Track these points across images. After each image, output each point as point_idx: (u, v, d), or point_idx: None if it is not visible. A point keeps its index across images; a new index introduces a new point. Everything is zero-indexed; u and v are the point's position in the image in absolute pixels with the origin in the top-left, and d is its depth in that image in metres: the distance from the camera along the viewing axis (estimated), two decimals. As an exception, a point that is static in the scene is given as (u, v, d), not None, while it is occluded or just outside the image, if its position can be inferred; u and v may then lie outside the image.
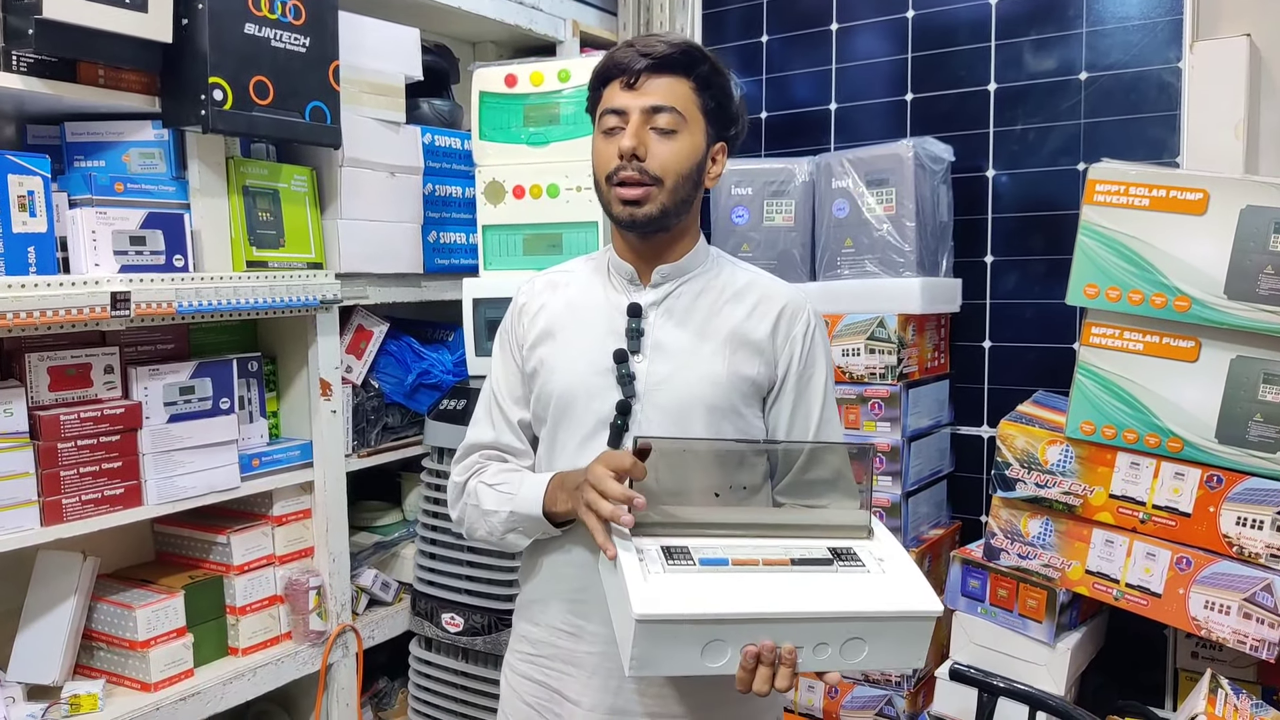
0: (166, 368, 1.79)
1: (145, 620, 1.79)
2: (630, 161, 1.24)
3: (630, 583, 1.06)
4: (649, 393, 1.29)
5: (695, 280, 1.35)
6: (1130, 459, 1.78)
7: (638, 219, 1.26)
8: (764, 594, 1.08)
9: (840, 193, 2.21)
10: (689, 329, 1.31)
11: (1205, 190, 1.68)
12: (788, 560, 1.13)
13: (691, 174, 1.28)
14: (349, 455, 2.16)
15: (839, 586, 1.10)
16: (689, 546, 1.14)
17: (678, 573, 1.09)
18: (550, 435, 1.36)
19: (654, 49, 1.25)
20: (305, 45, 1.80)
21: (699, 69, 1.27)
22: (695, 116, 1.28)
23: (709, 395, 1.29)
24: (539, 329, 1.37)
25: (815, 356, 1.35)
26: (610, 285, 1.36)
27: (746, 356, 1.31)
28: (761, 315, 1.33)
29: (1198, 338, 1.71)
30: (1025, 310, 2.31)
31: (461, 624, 2.06)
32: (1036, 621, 1.90)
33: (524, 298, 1.43)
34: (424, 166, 2.24)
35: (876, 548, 1.18)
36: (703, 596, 1.06)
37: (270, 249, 1.91)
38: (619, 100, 1.27)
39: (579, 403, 1.31)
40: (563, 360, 1.34)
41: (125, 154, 1.73)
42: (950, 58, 2.37)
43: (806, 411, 1.35)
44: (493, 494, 1.34)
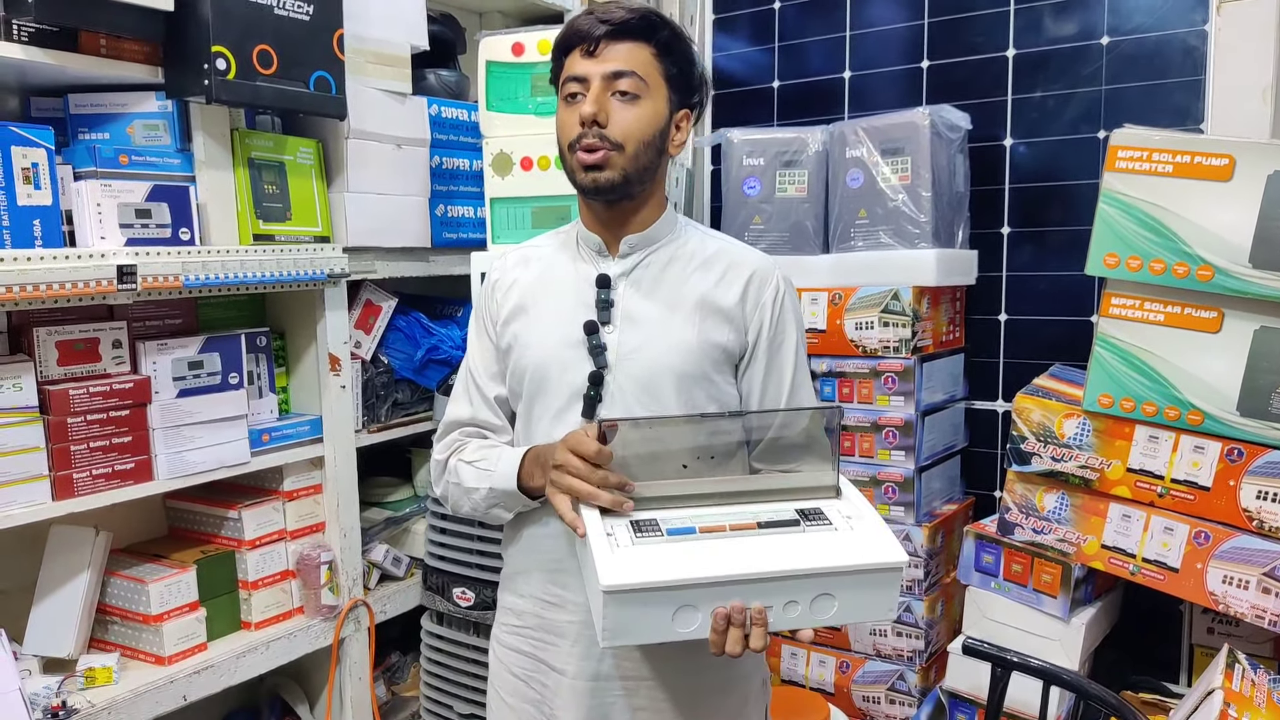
0: (175, 342, 1.78)
1: (158, 594, 1.79)
2: (591, 128, 1.24)
3: (598, 556, 1.09)
4: (620, 363, 1.29)
5: (663, 249, 1.34)
6: (1149, 432, 1.75)
7: (600, 184, 1.25)
8: (731, 557, 1.10)
9: (854, 162, 2.17)
10: (658, 298, 1.31)
11: (1231, 156, 1.64)
12: (754, 524, 1.15)
13: (654, 140, 1.27)
14: (359, 431, 2.15)
15: (805, 545, 1.12)
16: (657, 519, 1.16)
17: (645, 544, 1.11)
18: (526, 409, 1.36)
19: (613, 15, 1.25)
20: (309, 13, 1.77)
21: (659, 34, 1.27)
22: (657, 82, 1.27)
23: (680, 363, 1.29)
24: (511, 305, 1.38)
25: (785, 322, 1.35)
26: (579, 257, 1.36)
27: (716, 324, 1.31)
28: (730, 282, 1.33)
29: (1220, 308, 1.67)
30: (1042, 283, 2.27)
31: (473, 598, 2.05)
32: (1051, 597, 1.88)
33: (496, 274, 1.43)
34: (431, 139, 2.21)
35: (845, 506, 1.20)
36: (670, 564, 1.08)
37: (277, 222, 1.89)
38: (579, 68, 1.26)
39: (552, 376, 1.32)
40: (535, 334, 1.34)
41: (129, 126, 1.71)
42: (968, 23, 2.32)
43: (779, 378, 1.35)
44: (472, 471, 1.35)
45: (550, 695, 1.33)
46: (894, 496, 2.12)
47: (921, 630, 2.12)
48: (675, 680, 1.29)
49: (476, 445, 1.39)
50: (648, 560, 1.09)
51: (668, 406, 1.28)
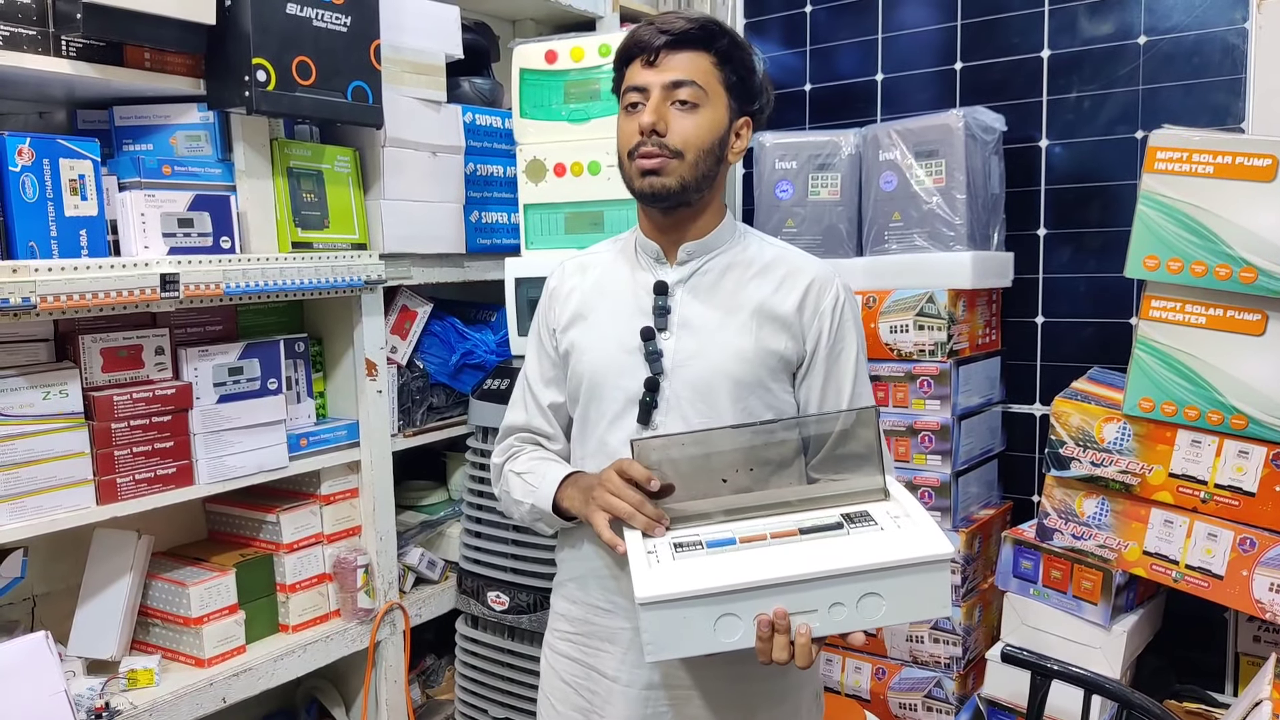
0: (215, 349, 1.81)
1: (198, 597, 1.82)
2: (650, 137, 1.24)
3: (635, 570, 1.09)
4: (676, 369, 1.29)
5: (722, 256, 1.34)
6: (1191, 436, 1.73)
7: (657, 190, 1.26)
8: (770, 563, 1.08)
9: (888, 165, 2.16)
10: (715, 305, 1.31)
11: (1274, 156, 1.61)
12: (796, 530, 1.14)
13: (713, 148, 1.27)
14: (395, 435, 2.17)
15: (848, 546, 1.10)
16: (700, 535, 1.15)
17: (685, 558, 1.11)
18: (582, 415, 1.37)
19: (673, 26, 1.26)
20: (346, 25, 1.79)
21: (718, 43, 1.27)
22: (717, 90, 1.27)
23: (736, 370, 1.29)
24: (570, 312, 1.39)
25: (845, 331, 1.34)
26: (637, 264, 1.37)
27: (774, 331, 1.30)
28: (789, 290, 1.32)
29: (1264, 310, 1.65)
30: (1079, 284, 2.24)
31: (507, 602, 2.06)
32: (1091, 604, 1.86)
33: (555, 281, 1.44)
34: (465, 146, 2.23)
35: (893, 508, 1.18)
36: (707, 573, 1.08)
37: (315, 230, 1.92)
38: (640, 78, 1.27)
39: (608, 382, 1.32)
40: (592, 340, 1.35)
41: (172, 137, 1.75)
42: (1001, 24, 2.30)
43: (838, 387, 1.34)
44: (520, 484, 1.38)
45: (600, 703, 1.33)
46: (930, 501, 2.10)
47: (959, 637, 2.10)
48: (726, 689, 1.29)
49: (529, 456, 1.41)
50: (685, 572, 1.08)
51: (723, 414, 1.28)
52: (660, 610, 1.06)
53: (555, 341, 1.41)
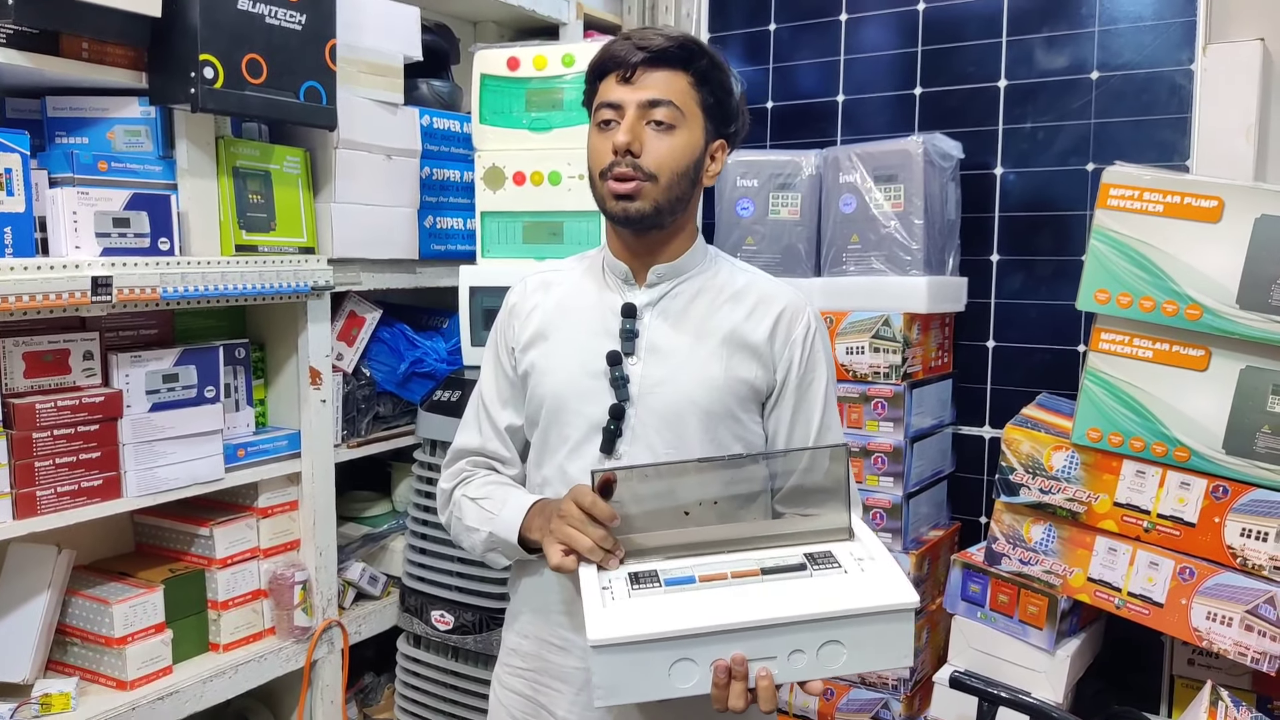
0: (149, 354, 1.73)
1: (123, 616, 1.73)
2: (624, 157, 1.21)
3: (589, 610, 1.04)
4: (643, 396, 1.25)
5: (692, 280, 1.31)
6: (1136, 467, 1.75)
7: (630, 214, 1.22)
8: (729, 606, 1.04)
9: (848, 187, 2.16)
10: (685, 330, 1.27)
11: (1220, 198, 1.65)
12: (758, 570, 1.10)
13: (688, 171, 1.24)
14: (338, 445, 2.10)
15: (810, 590, 1.07)
16: (657, 570, 1.11)
17: (641, 596, 1.07)
18: (541, 440, 1.32)
19: (651, 42, 1.22)
20: (301, 22, 1.73)
21: (697, 63, 1.23)
22: (693, 112, 1.24)
23: (705, 399, 1.25)
24: (531, 330, 1.33)
25: (816, 361, 1.32)
26: (604, 284, 1.32)
27: (744, 359, 1.27)
28: (760, 317, 1.29)
29: (1208, 347, 1.68)
30: (1030, 311, 2.28)
31: (452, 622, 2.01)
32: (1037, 628, 1.88)
33: (515, 297, 1.39)
34: (421, 149, 2.17)
35: (857, 549, 1.15)
36: (663, 615, 1.03)
37: (260, 233, 1.84)
38: (614, 94, 1.23)
39: (570, 407, 1.27)
40: (554, 362, 1.30)
41: (110, 131, 1.66)
42: (961, 52, 2.33)
43: (807, 417, 1.32)
44: (475, 510, 1.31)
45: None
46: (881, 523, 2.11)
47: (904, 659, 2.10)
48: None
49: (483, 480, 1.35)
50: (640, 612, 1.04)
51: (690, 444, 1.24)
52: (612, 654, 1.01)
53: (514, 361, 1.36)
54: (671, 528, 1.16)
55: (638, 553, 1.15)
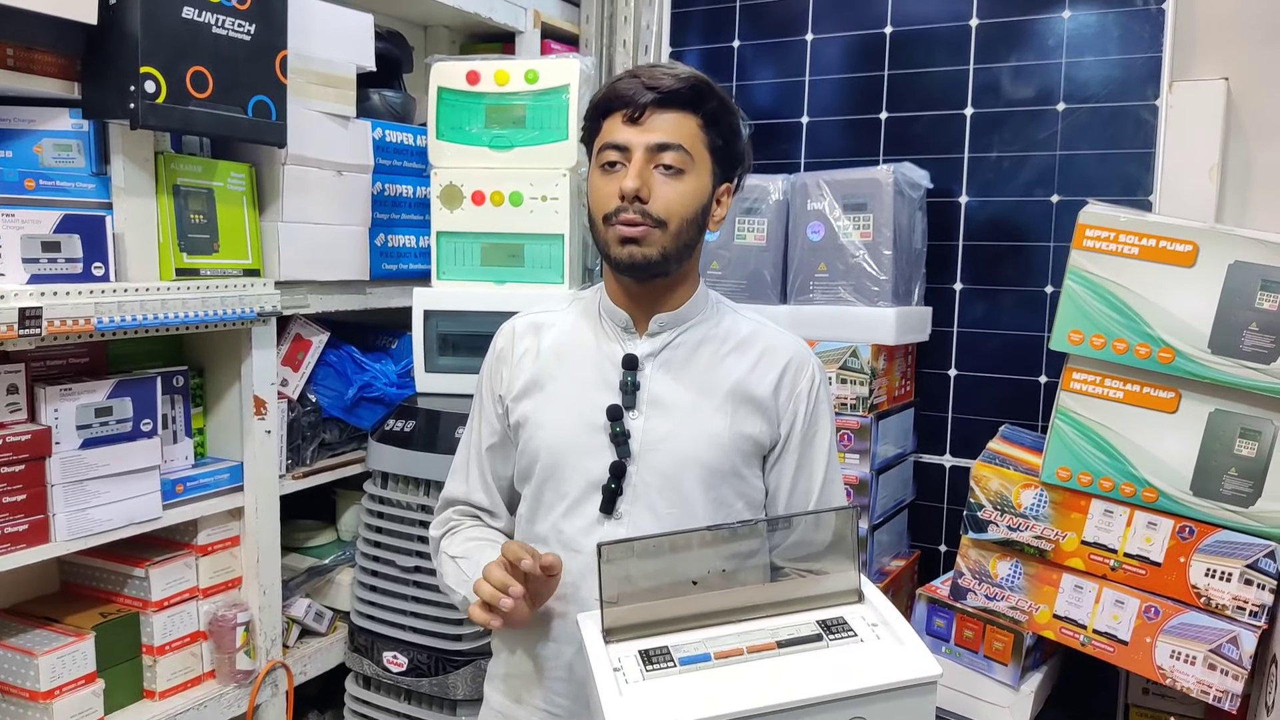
0: (80, 387, 1.59)
1: (49, 668, 1.60)
2: (632, 203, 1.15)
3: (605, 697, 0.99)
4: (644, 453, 1.20)
5: (695, 329, 1.25)
6: (1104, 506, 1.76)
7: (637, 260, 1.16)
8: (751, 688, 1.01)
9: (815, 215, 2.12)
10: (689, 383, 1.22)
11: (1195, 243, 1.65)
12: (774, 644, 1.06)
13: (696, 217, 1.19)
14: (283, 476, 1.98)
15: (830, 664, 1.04)
16: (669, 646, 1.07)
17: (657, 678, 1.02)
18: (535, 496, 1.25)
19: (661, 82, 1.16)
20: (250, 33, 1.60)
21: (708, 105, 1.18)
22: (702, 155, 1.19)
23: (709, 457, 1.20)
24: (525, 379, 1.26)
25: (820, 415, 1.28)
26: (603, 332, 1.26)
27: (749, 414, 1.23)
28: (766, 369, 1.25)
29: (1178, 390, 1.69)
30: (992, 340, 2.27)
31: (405, 663, 1.92)
32: (1002, 664, 1.87)
33: (503, 341, 1.31)
34: (374, 164, 2.06)
35: (869, 612, 1.13)
36: (683, 701, 0.99)
37: (202, 255, 1.71)
38: (621, 135, 1.17)
39: (568, 463, 1.21)
40: (550, 415, 1.23)
41: (37, 144, 1.52)
42: (927, 78, 2.31)
43: (809, 473, 1.28)
44: (454, 570, 1.26)
45: None
46: (849, 561, 2.08)
47: (866, 692, 2.08)
48: None
49: (466, 535, 1.28)
50: (660, 698, 0.99)
51: (693, 503, 1.19)
52: None
53: (503, 409, 1.29)
54: (678, 597, 1.12)
55: (646, 626, 1.10)
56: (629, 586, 1.08)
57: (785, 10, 2.45)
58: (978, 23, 2.24)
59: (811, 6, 2.42)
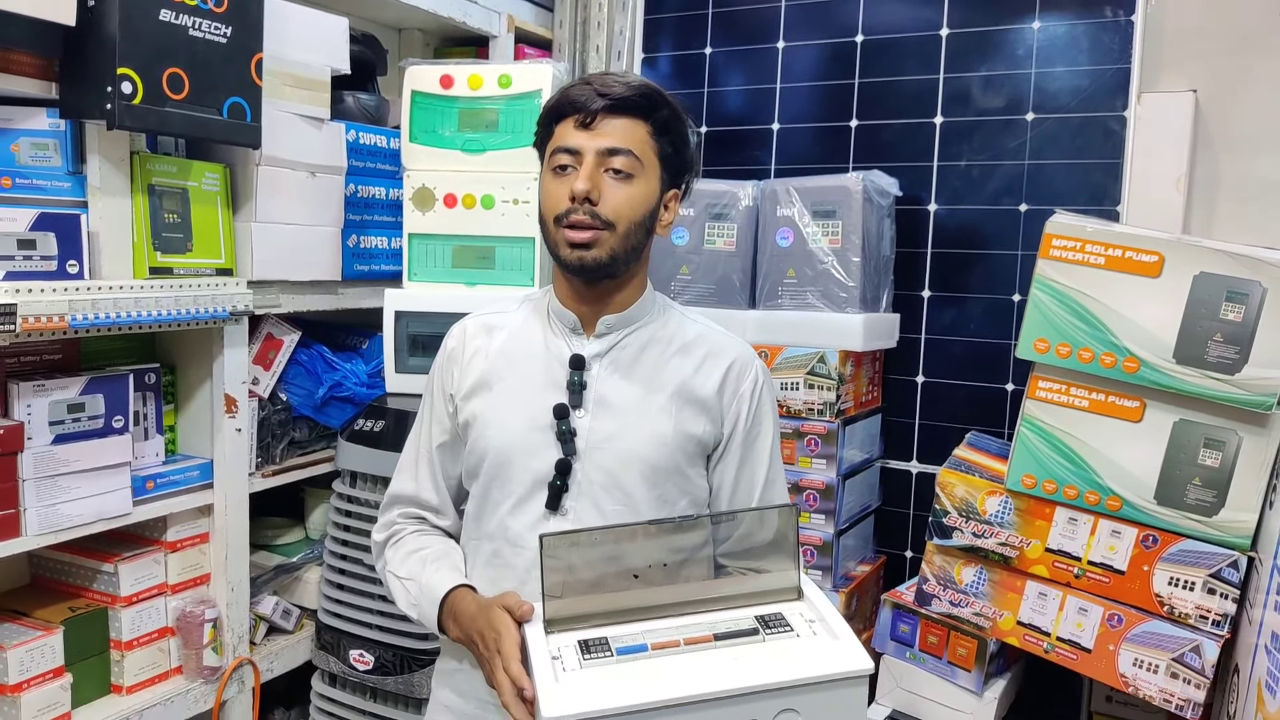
0: (53, 383, 1.60)
1: (18, 661, 1.61)
2: (582, 204, 1.18)
3: (540, 684, 1.02)
4: (590, 451, 1.23)
5: (642, 330, 1.29)
6: (1069, 514, 1.78)
7: (586, 263, 1.20)
8: (684, 676, 1.03)
9: (785, 221, 2.14)
10: (635, 383, 1.25)
11: (1160, 254, 1.68)
12: (710, 636, 1.09)
13: (644, 220, 1.23)
14: (252, 474, 1.99)
15: (764, 657, 1.06)
16: (608, 637, 1.09)
17: (593, 667, 1.05)
18: (482, 493, 1.27)
19: (612, 89, 1.20)
20: (226, 35, 1.62)
21: (658, 113, 1.22)
22: (651, 161, 1.22)
23: (654, 455, 1.23)
24: (473, 379, 1.29)
25: (763, 415, 1.31)
26: (551, 332, 1.29)
27: (693, 414, 1.26)
28: (710, 371, 1.28)
29: (1143, 399, 1.71)
30: (958, 347, 2.30)
31: (371, 661, 1.93)
32: (965, 670, 1.90)
33: (454, 342, 1.34)
34: (347, 166, 2.07)
35: (807, 609, 1.15)
36: (618, 688, 1.01)
37: (176, 254, 1.72)
38: (573, 139, 1.20)
39: (515, 461, 1.24)
40: (498, 414, 1.26)
41: (14, 143, 1.52)
42: (898, 86, 2.34)
43: (752, 471, 1.31)
44: (401, 592, 1.29)
45: None
46: (812, 560, 2.10)
47: (833, 694, 2.10)
48: None
49: (409, 548, 1.30)
50: (594, 686, 1.01)
51: (637, 500, 1.22)
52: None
53: (453, 408, 1.31)
54: (620, 590, 1.14)
55: (586, 617, 1.12)
56: (571, 579, 1.10)
57: (757, 18, 2.48)
58: (948, 32, 2.28)
59: (783, 14, 2.45)
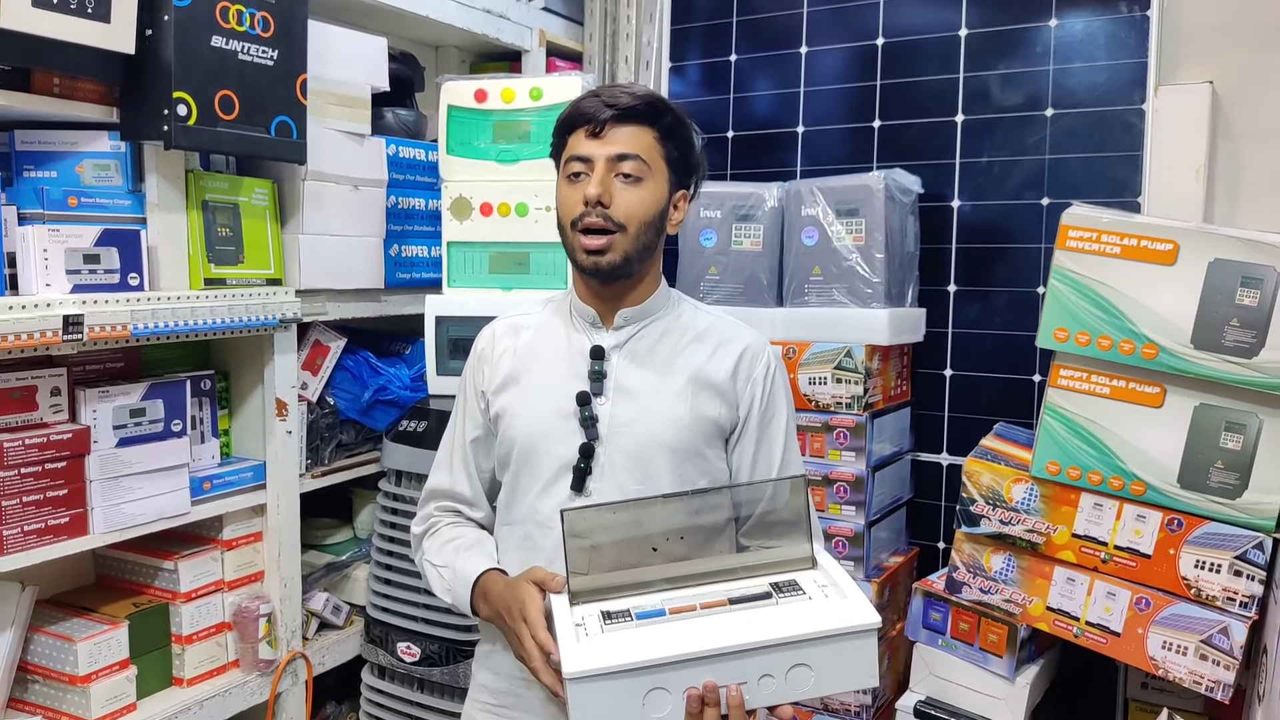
0: (117, 389, 1.70)
1: (87, 654, 1.70)
2: (595, 208, 1.26)
3: (563, 645, 1.08)
4: (612, 436, 1.30)
5: (657, 322, 1.36)
6: (1094, 500, 1.81)
7: (601, 266, 1.28)
8: (699, 634, 1.09)
9: (809, 220, 2.20)
10: (652, 370, 1.33)
11: (1175, 242, 1.71)
12: (725, 601, 1.15)
13: (654, 221, 1.30)
14: (302, 475, 2.08)
15: (776, 616, 1.12)
16: (629, 607, 1.15)
17: (614, 631, 1.11)
18: (513, 480, 1.36)
19: (619, 100, 1.28)
20: (273, 58, 1.72)
21: (663, 120, 1.30)
22: (659, 165, 1.30)
23: (672, 438, 1.30)
24: (503, 374, 1.38)
25: (776, 398, 1.38)
26: (573, 327, 1.37)
27: (709, 398, 1.33)
28: (723, 357, 1.35)
29: (1163, 384, 1.74)
30: (985, 340, 2.34)
31: (418, 653, 2.00)
32: (997, 656, 1.93)
33: (484, 342, 1.43)
34: (388, 179, 2.16)
35: (820, 576, 1.21)
36: (635, 646, 1.07)
37: (229, 265, 1.82)
38: (584, 148, 1.28)
39: (541, 447, 1.32)
40: (525, 405, 1.34)
41: (79, 165, 1.63)
42: (919, 87, 2.39)
43: (769, 452, 1.38)
44: (437, 578, 1.37)
45: None
46: (844, 551, 2.15)
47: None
48: None
49: (444, 539, 1.39)
50: (614, 645, 1.08)
51: (659, 481, 1.28)
52: (588, 684, 1.05)
53: (485, 404, 1.40)
54: (641, 564, 1.20)
55: (609, 589, 1.18)
56: (593, 553, 1.17)
57: (781, 24, 2.54)
58: (967, 33, 2.32)
59: (806, 20, 2.51)
